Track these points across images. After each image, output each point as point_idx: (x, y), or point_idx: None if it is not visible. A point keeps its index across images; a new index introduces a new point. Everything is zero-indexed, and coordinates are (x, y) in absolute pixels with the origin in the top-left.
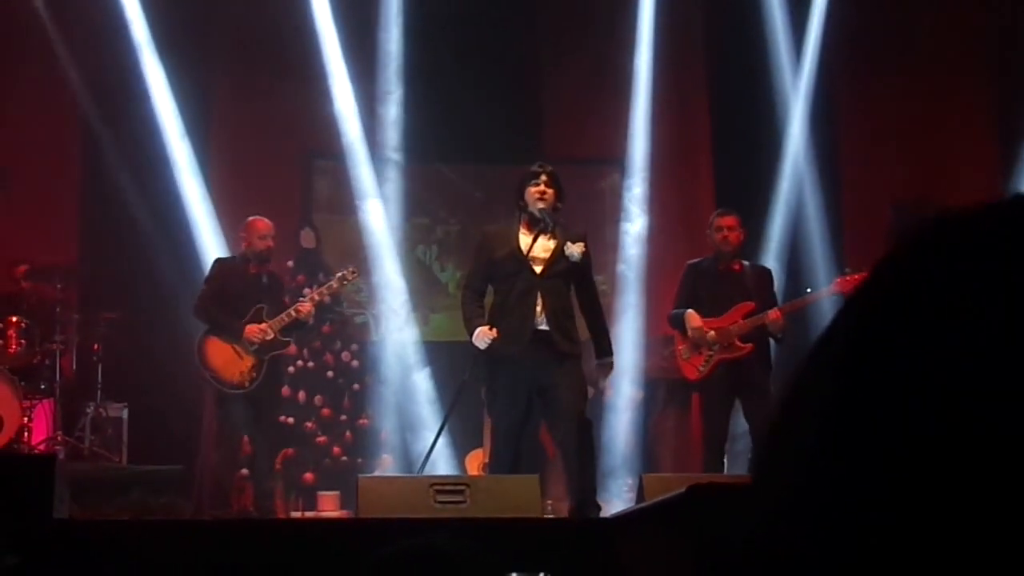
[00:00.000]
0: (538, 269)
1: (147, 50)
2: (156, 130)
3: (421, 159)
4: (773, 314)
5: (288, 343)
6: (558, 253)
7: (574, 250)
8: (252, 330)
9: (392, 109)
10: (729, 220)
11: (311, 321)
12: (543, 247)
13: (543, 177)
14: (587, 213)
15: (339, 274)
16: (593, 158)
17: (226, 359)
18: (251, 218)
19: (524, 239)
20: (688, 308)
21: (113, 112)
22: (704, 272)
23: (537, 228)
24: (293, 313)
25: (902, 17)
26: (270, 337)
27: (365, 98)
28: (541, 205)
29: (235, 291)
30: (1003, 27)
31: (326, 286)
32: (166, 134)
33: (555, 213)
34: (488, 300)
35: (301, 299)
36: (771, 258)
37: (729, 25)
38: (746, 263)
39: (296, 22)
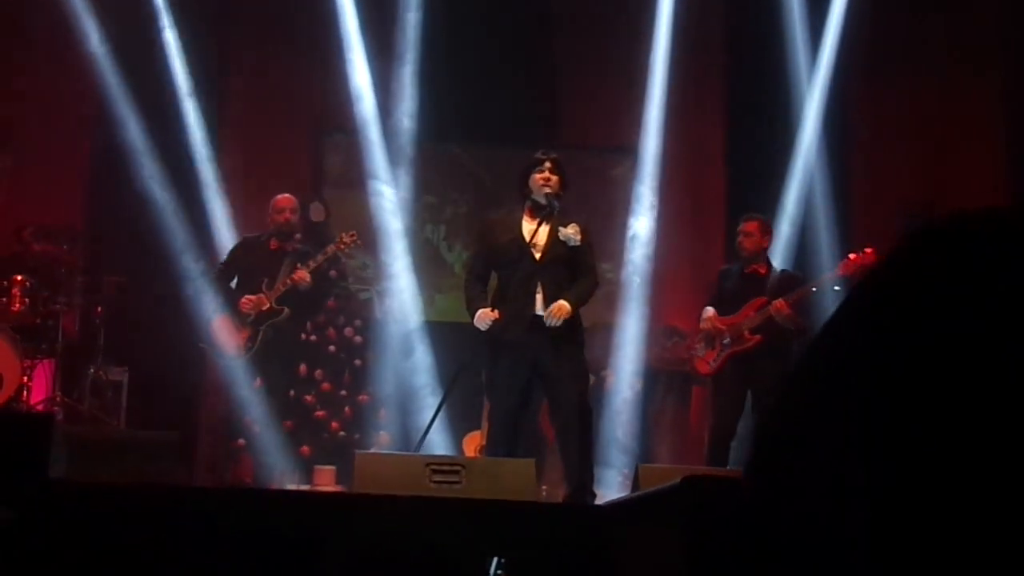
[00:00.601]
0: (539, 256)
1: (163, 15)
2: (169, 96)
3: (434, 138)
4: (777, 304)
5: (282, 311)
6: (555, 238)
7: (569, 232)
8: (245, 301)
9: (407, 87)
10: (748, 225)
11: (306, 286)
12: (544, 234)
13: (548, 164)
14: (598, 200)
15: (337, 239)
16: (606, 145)
17: (227, 331)
18: (277, 196)
19: (527, 226)
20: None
21: (125, 76)
22: (730, 275)
23: (541, 214)
24: (288, 282)
25: (916, 21)
26: (265, 307)
27: (380, 75)
28: (547, 191)
29: (248, 266)
30: (1015, 32)
31: (322, 252)
32: (179, 100)
33: (558, 200)
34: (492, 284)
35: (299, 267)
36: (779, 256)
37: (748, 19)
38: (775, 267)
39: None
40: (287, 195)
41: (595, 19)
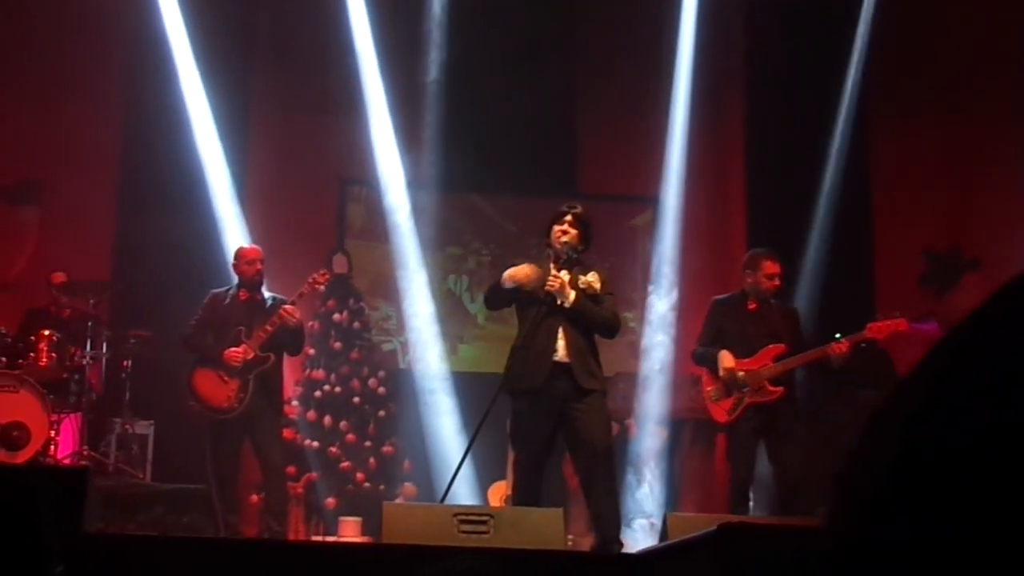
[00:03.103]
0: (559, 303)
1: (188, 70)
2: (193, 150)
3: (455, 188)
4: (839, 347)
5: (268, 358)
6: (575, 287)
7: (589, 280)
8: (230, 354)
9: (428, 137)
10: (778, 267)
11: (295, 322)
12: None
13: (568, 217)
14: (618, 249)
15: (309, 279)
16: (626, 194)
17: (212, 385)
18: (240, 247)
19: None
20: (713, 345)
21: (151, 131)
22: (732, 309)
23: (560, 265)
24: (269, 328)
25: (940, 63)
26: (250, 356)
27: (401, 126)
28: (565, 239)
29: (221, 319)
30: None
31: (297, 293)
32: (202, 155)
33: (575, 252)
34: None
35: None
36: (802, 299)
37: (768, 62)
38: (773, 301)
39: (337, 49)
40: (254, 246)
41: (615, 69)
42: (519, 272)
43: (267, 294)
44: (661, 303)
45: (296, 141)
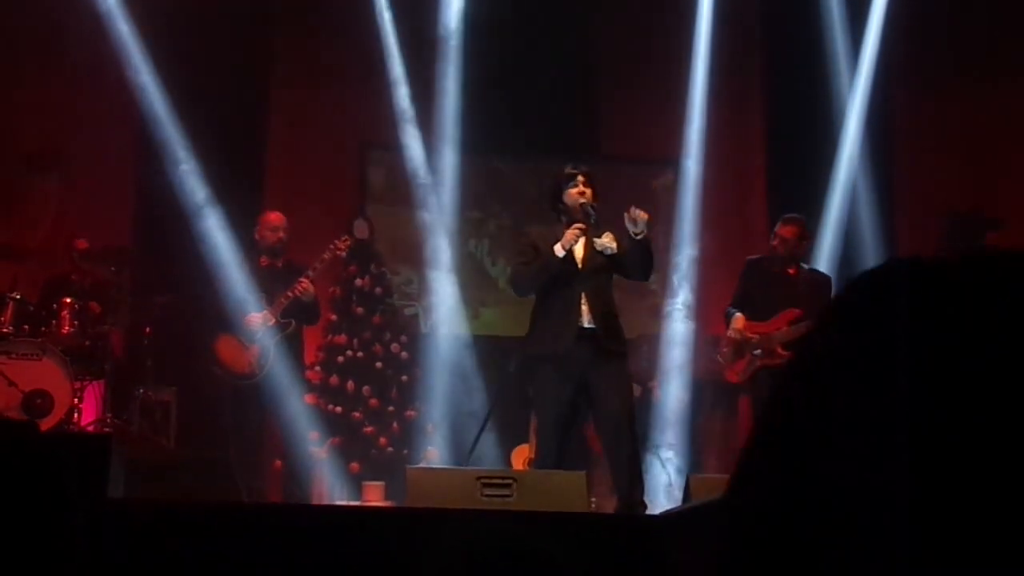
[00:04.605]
0: (581, 267)
1: (208, 33)
2: (214, 114)
3: (476, 153)
4: None
5: (289, 324)
6: (592, 249)
7: (605, 242)
8: (250, 319)
9: (449, 102)
10: (785, 230)
11: (309, 297)
12: (582, 246)
13: (580, 177)
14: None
15: (330, 245)
16: (647, 157)
17: (234, 352)
18: (265, 213)
19: None
20: (741, 306)
21: (171, 95)
22: (761, 271)
23: (583, 224)
24: (290, 295)
25: (962, 25)
26: (271, 323)
27: (422, 90)
28: (584, 199)
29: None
30: None
31: (319, 260)
32: (224, 120)
33: (595, 209)
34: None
35: (300, 279)
36: (822, 264)
37: (787, 31)
38: (804, 267)
39: (357, 11)
40: (277, 212)
41: (635, 31)
42: (568, 236)
43: (288, 261)
44: (682, 266)
45: (318, 105)
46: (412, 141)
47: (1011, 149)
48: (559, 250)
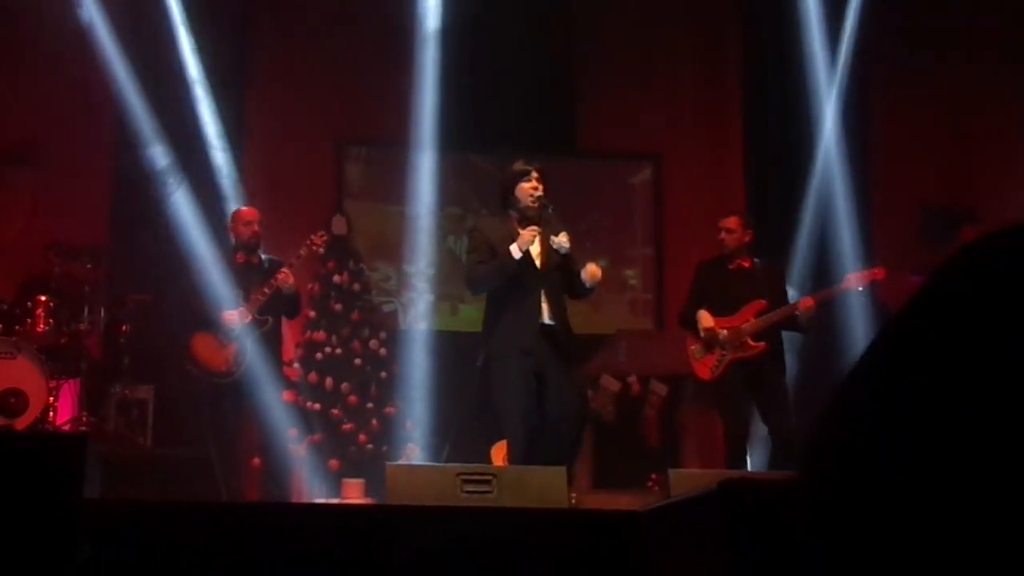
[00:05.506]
0: (539, 265)
1: (184, 31)
2: (191, 112)
3: (454, 148)
4: (805, 302)
5: (266, 321)
6: (548, 247)
7: (561, 240)
8: (228, 316)
9: (427, 98)
10: (728, 222)
11: (290, 288)
12: (538, 244)
13: (535, 174)
14: (618, 207)
15: (307, 241)
16: (625, 152)
17: (210, 350)
18: (237, 208)
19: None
20: (699, 307)
21: (147, 92)
22: (714, 270)
23: (531, 222)
24: (267, 290)
25: (938, 18)
26: (248, 319)
27: (400, 86)
28: (539, 195)
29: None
30: None
31: (295, 255)
32: (200, 116)
33: (550, 206)
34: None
35: (277, 274)
36: (800, 254)
37: (765, 28)
38: (757, 261)
39: (333, 7)
40: (251, 208)
41: (613, 26)
42: (524, 237)
43: (264, 256)
44: (659, 260)
45: (295, 102)
46: (389, 137)
47: (987, 144)
48: (515, 251)
